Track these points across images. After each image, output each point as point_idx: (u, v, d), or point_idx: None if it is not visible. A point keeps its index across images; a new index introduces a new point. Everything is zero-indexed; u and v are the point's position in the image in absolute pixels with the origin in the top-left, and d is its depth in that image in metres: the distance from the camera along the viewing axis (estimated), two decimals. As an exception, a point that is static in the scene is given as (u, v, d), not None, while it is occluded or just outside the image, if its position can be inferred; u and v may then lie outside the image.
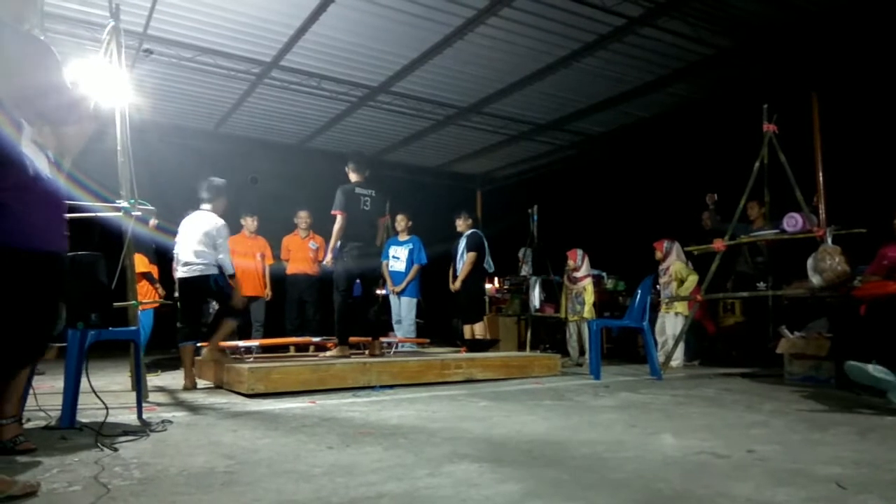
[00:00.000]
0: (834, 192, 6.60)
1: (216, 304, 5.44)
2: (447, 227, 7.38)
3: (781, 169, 5.82)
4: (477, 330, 6.83)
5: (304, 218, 7.72)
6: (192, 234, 4.81)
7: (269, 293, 7.47)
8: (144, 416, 3.37)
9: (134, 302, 4.28)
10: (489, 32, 6.24)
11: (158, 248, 6.59)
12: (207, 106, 8.24)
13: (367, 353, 5.82)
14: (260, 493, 1.94)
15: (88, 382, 3.18)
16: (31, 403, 3.21)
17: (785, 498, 1.86)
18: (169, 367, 6.41)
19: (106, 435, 2.81)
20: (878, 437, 2.87)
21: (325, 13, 5.86)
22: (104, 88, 4.28)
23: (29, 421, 3.11)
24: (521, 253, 8.62)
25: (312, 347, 6.38)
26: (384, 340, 6.39)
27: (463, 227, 7.11)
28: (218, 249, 4.77)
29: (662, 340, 6.94)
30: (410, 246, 7.40)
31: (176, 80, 7.31)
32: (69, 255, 2.27)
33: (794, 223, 5.65)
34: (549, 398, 4.25)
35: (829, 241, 5.20)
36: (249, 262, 7.21)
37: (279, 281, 7.65)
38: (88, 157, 2.29)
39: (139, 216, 4.36)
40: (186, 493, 1.94)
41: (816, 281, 5.03)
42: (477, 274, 6.94)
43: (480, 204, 11.88)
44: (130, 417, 3.37)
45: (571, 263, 7.42)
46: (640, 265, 7.51)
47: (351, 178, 5.60)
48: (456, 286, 6.91)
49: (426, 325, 8.25)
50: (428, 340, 7.59)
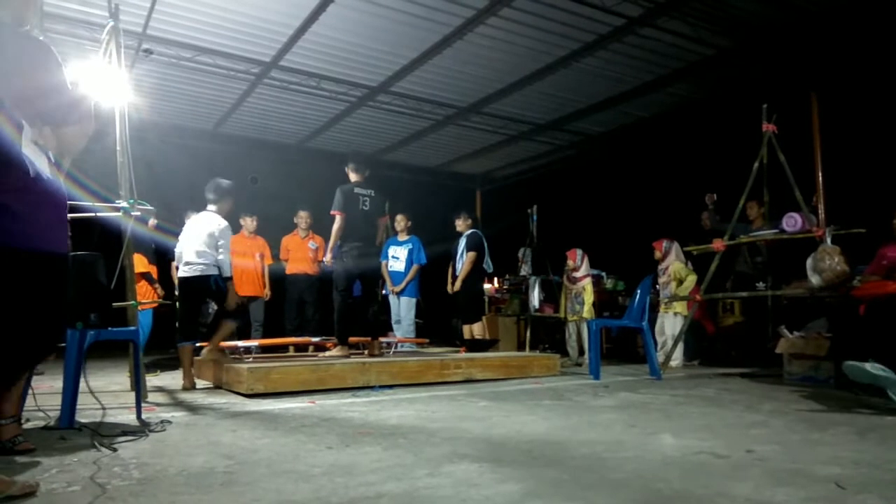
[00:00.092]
0: (833, 192, 6.60)
1: (215, 304, 5.44)
2: (447, 227, 7.39)
3: (781, 169, 5.82)
4: (476, 330, 6.84)
5: (304, 218, 7.73)
6: (195, 234, 4.82)
7: (268, 293, 7.48)
8: (143, 416, 3.37)
9: (133, 302, 4.28)
10: (489, 32, 6.24)
11: (158, 248, 6.60)
12: (207, 106, 8.24)
13: (366, 353, 5.82)
14: (259, 493, 1.94)
15: (85, 382, 3.18)
16: (30, 403, 3.21)
17: (784, 498, 1.87)
18: (168, 367, 6.40)
19: (105, 435, 2.81)
20: (877, 436, 2.88)
21: (324, 13, 5.86)
22: (103, 88, 4.28)
23: (28, 421, 3.10)
24: (520, 253, 8.62)
25: (312, 347, 6.38)
26: (383, 340, 6.39)
27: (462, 227, 7.11)
28: (219, 251, 4.77)
29: (662, 340, 6.94)
30: (410, 246, 7.40)
31: (175, 80, 7.31)
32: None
33: (793, 223, 5.65)
34: (548, 398, 4.25)
35: (828, 241, 5.20)
36: (248, 261, 7.21)
37: (278, 281, 7.66)
38: (88, 157, 2.29)
39: (138, 216, 4.36)
40: (186, 493, 1.94)
41: (816, 281, 5.03)
42: (476, 274, 6.94)
43: (480, 204, 11.88)
44: (129, 417, 3.37)
45: (571, 263, 7.42)
46: (639, 265, 7.51)
47: (350, 177, 5.61)
48: (456, 286, 6.91)
49: (425, 325, 8.24)
50: (427, 340, 7.59)
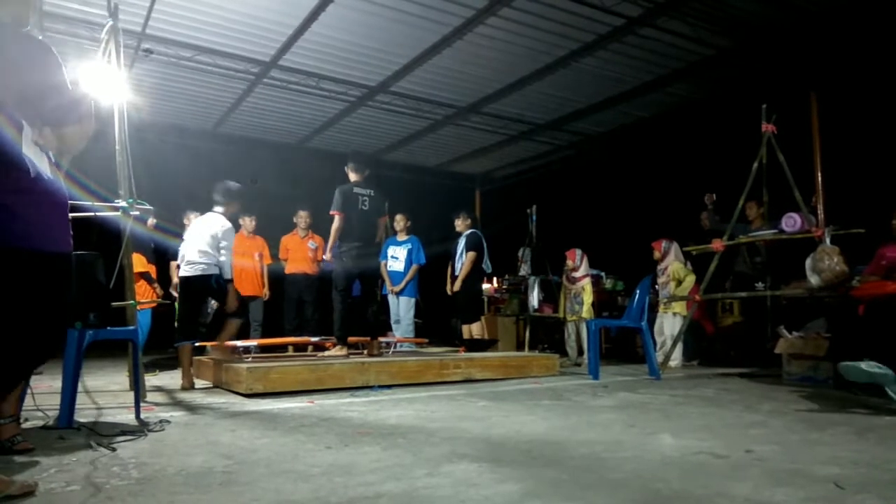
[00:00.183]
0: (832, 192, 6.61)
1: (215, 303, 5.44)
2: (446, 226, 7.39)
3: (780, 169, 5.83)
4: (474, 330, 6.83)
5: (303, 217, 7.72)
6: (198, 233, 4.84)
7: (267, 293, 7.48)
8: (142, 415, 3.36)
9: (132, 302, 4.28)
10: (488, 32, 6.25)
11: (157, 247, 6.59)
12: (206, 105, 8.24)
13: (365, 352, 5.82)
14: (258, 492, 1.94)
15: (81, 382, 3.18)
16: (28, 403, 3.21)
17: (783, 498, 1.86)
18: (167, 366, 6.40)
19: (104, 435, 2.81)
20: (876, 436, 2.88)
21: (324, 13, 5.86)
22: (103, 88, 4.28)
23: (27, 420, 3.10)
24: (519, 253, 8.62)
25: (311, 347, 6.37)
26: (383, 340, 6.39)
27: (462, 226, 7.11)
28: (221, 252, 4.78)
29: (661, 340, 6.94)
30: (409, 246, 7.40)
31: (175, 79, 7.31)
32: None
33: (792, 223, 5.65)
34: (547, 398, 4.25)
35: (827, 241, 5.20)
36: (248, 261, 7.21)
37: (278, 281, 7.65)
38: (87, 156, 2.29)
39: (137, 216, 4.36)
40: (185, 492, 1.94)
41: (815, 281, 5.04)
42: (475, 274, 6.94)
43: (479, 204, 11.88)
44: (128, 417, 3.36)
45: (570, 263, 7.42)
46: (638, 265, 7.51)
47: (350, 177, 5.61)
48: (456, 286, 6.90)
49: (425, 324, 8.24)
50: (426, 340, 7.58)
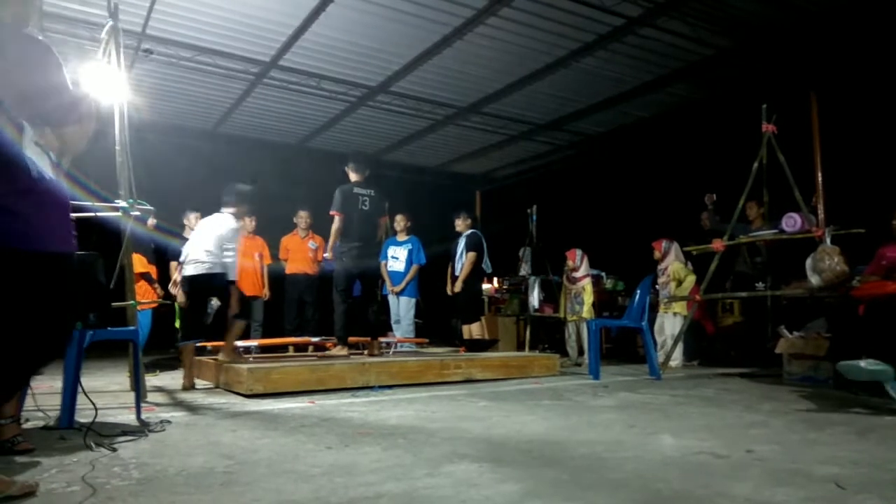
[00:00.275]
0: (833, 192, 6.59)
1: (216, 303, 5.43)
2: (446, 227, 7.39)
3: (780, 169, 5.83)
4: (474, 330, 6.83)
5: (304, 218, 7.72)
6: (205, 233, 4.85)
7: (267, 293, 7.47)
8: (143, 416, 3.36)
9: (132, 302, 4.28)
10: (488, 32, 6.25)
11: (157, 247, 6.59)
12: (206, 106, 8.24)
13: (366, 353, 5.82)
14: (259, 493, 1.94)
15: (81, 383, 3.18)
16: (29, 403, 3.21)
17: (784, 498, 1.87)
18: (167, 367, 6.40)
19: (105, 435, 2.81)
20: (876, 436, 2.88)
21: (324, 13, 5.86)
22: (103, 88, 4.28)
23: (28, 421, 3.10)
24: (520, 253, 8.62)
25: (311, 347, 6.37)
26: (383, 340, 6.39)
27: (462, 227, 7.10)
28: (225, 253, 4.78)
29: (661, 340, 6.93)
30: (409, 246, 7.40)
31: (175, 79, 7.31)
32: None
33: (792, 223, 5.65)
34: (548, 398, 4.25)
35: (827, 241, 5.20)
36: (248, 261, 7.18)
37: (278, 281, 7.65)
38: (87, 156, 2.29)
39: (138, 216, 4.36)
40: (185, 493, 1.94)
41: (815, 281, 5.04)
42: (475, 274, 6.94)
43: (479, 204, 11.88)
44: (129, 417, 3.36)
45: (570, 263, 7.42)
46: (639, 265, 7.51)
47: (351, 177, 5.61)
48: (457, 287, 6.90)
49: (425, 325, 8.24)
50: (427, 340, 7.59)
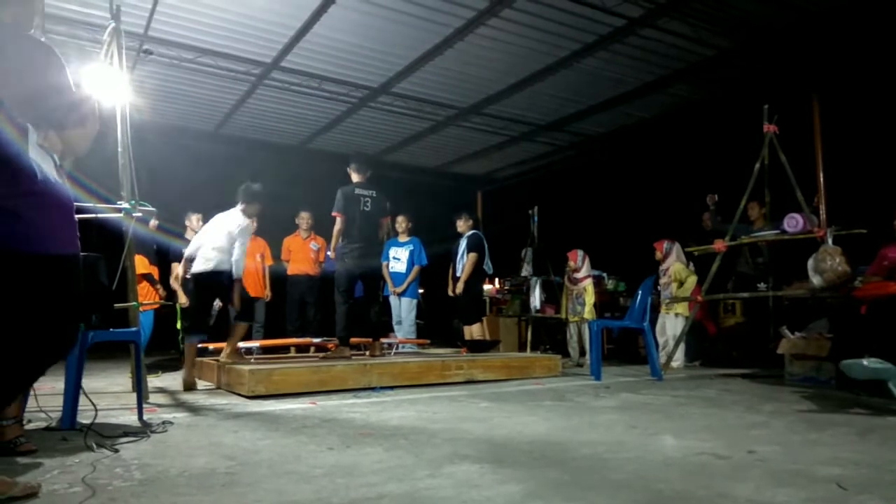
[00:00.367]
0: (834, 192, 6.60)
1: (219, 304, 5.44)
2: (447, 227, 7.39)
3: (782, 169, 5.82)
4: (475, 331, 6.83)
5: (305, 219, 7.73)
6: (216, 230, 4.88)
7: (268, 294, 7.48)
8: (145, 417, 3.37)
9: (134, 303, 4.29)
10: (489, 33, 6.24)
11: (159, 248, 6.60)
12: (208, 107, 8.25)
13: (367, 354, 5.83)
14: (261, 493, 1.94)
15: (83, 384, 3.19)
16: (31, 404, 3.21)
17: (785, 499, 1.87)
18: (169, 368, 6.41)
19: (106, 436, 2.82)
20: (878, 437, 2.88)
21: (325, 14, 5.86)
22: (105, 90, 4.29)
23: (30, 422, 3.11)
24: (521, 253, 8.62)
25: (313, 348, 6.38)
26: (385, 341, 6.39)
27: (463, 227, 7.11)
28: (234, 250, 4.80)
29: (663, 341, 6.93)
30: (411, 247, 7.41)
31: (176, 81, 7.31)
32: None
33: (794, 224, 5.65)
34: (549, 399, 4.25)
35: (829, 241, 5.20)
36: (249, 262, 7.17)
37: (280, 282, 7.66)
38: (89, 157, 2.29)
39: (140, 217, 4.37)
40: (187, 493, 1.95)
41: (817, 281, 5.03)
42: (476, 275, 6.94)
43: (481, 205, 11.87)
44: (131, 418, 3.37)
45: (572, 264, 7.42)
46: (640, 266, 7.50)
47: (352, 178, 5.62)
48: (458, 289, 6.89)
49: (426, 326, 8.25)
50: (428, 341, 7.59)
